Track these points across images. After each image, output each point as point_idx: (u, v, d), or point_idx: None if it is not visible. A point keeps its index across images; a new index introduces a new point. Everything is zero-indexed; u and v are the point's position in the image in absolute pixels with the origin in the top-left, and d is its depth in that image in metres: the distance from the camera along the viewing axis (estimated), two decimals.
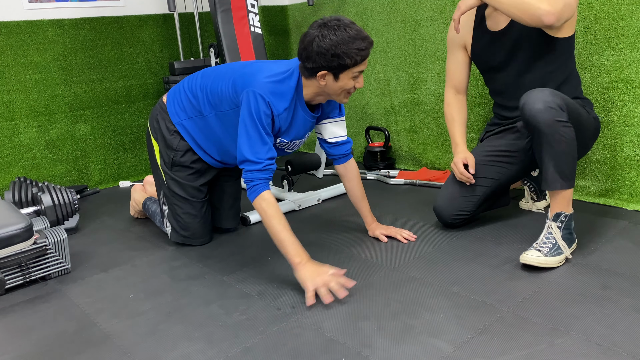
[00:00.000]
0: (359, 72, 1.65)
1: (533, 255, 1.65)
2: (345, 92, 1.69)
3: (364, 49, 1.60)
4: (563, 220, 1.69)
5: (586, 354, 1.23)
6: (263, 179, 1.67)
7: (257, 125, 1.66)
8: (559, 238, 1.68)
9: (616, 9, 2.05)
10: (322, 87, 1.69)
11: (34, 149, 2.87)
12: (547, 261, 1.65)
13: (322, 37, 1.57)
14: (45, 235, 1.87)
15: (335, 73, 1.63)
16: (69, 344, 1.45)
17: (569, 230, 1.72)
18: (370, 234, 2.04)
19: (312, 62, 1.61)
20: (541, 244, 1.68)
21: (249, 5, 2.76)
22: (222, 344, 1.39)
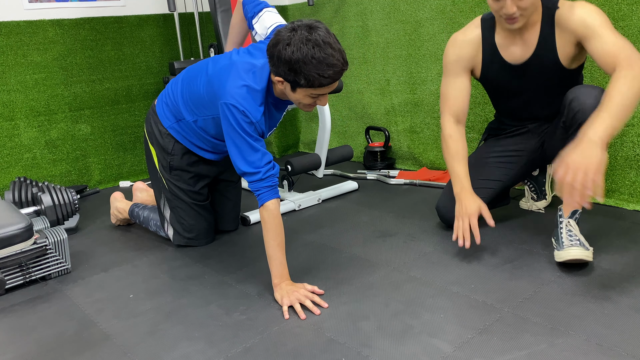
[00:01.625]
0: (318, 95, 1.53)
1: (578, 251, 1.59)
2: (305, 105, 1.59)
3: (327, 77, 1.45)
4: (577, 217, 1.70)
5: (586, 354, 1.23)
6: (267, 187, 1.60)
7: (242, 135, 1.59)
8: (580, 234, 1.66)
9: (616, 9, 2.05)
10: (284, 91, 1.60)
11: (34, 149, 2.87)
12: (588, 255, 1.61)
13: (288, 44, 1.43)
14: (45, 235, 1.87)
15: (292, 85, 1.52)
16: (69, 344, 1.45)
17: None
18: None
19: (272, 62, 1.51)
20: (573, 240, 1.64)
21: None
22: (222, 344, 1.39)
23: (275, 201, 1.60)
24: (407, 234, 2.06)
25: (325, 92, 1.53)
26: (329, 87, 1.52)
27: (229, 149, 1.64)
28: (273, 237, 1.59)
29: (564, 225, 1.69)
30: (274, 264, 1.59)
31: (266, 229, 1.59)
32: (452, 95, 1.88)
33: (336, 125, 3.50)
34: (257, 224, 2.31)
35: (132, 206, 2.31)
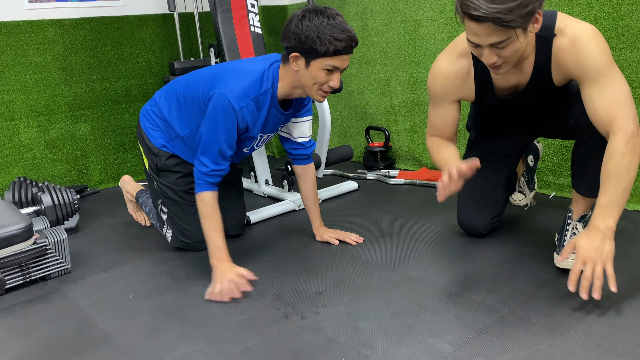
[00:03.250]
0: (332, 67, 1.59)
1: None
2: (318, 86, 1.64)
3: (341, 40, 1.55)
4: (587, 221, 1.69)
5: (586, 354, 1.23)
6: (207, 182, 1.72)
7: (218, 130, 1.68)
8: None
9: (616, 9, 2.05)
10: (296, 77, 1.66)
11: (34, 149, 2.87)
12: None
13: (302, 17, 1.57)
14: (45, 235, 1.87)
15: (307, 58, 1.59)
16: (69, 344, 1.45)
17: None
18: (318, 238, 2.04)
19: (287, 41, 1.60)
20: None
21: (249, 5, 2.76)
22: (222, 344, 1.39)
23: (211, 193, 1.73)
24: (407, 234, 2.06)
25: (339, 64, 1.60)
26: (342, 58, 1.59)
27: (200, 132, 1.71)
28: (208, 222, 1.72)
29: (570, 228, 1.67)
30: (211, 246, 1.72)
31: (203, 215, 1.72)
32: (437, 124, 1.77)
33: (336, 125, 3.50)
34: (257, 224, 2.31)
35: (137, 194, 2.32)
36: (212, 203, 1.73)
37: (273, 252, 1.97)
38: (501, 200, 1.94)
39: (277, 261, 1.89)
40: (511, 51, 1.40)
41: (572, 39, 1.46)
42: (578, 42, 1.45)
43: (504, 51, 1.40)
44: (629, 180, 1.39)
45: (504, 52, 1.40)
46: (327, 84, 1.64)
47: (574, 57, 1.47)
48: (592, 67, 1.44)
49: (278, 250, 1.99)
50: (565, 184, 2.35)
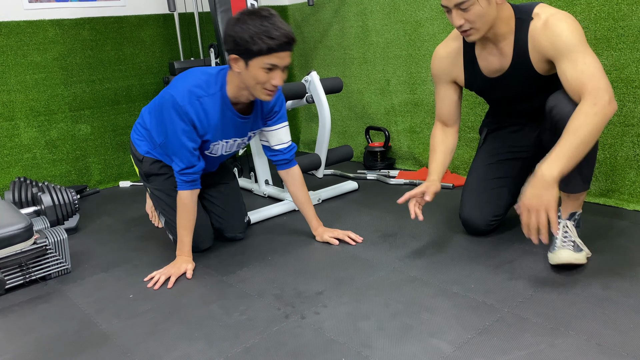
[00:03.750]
0: (271, 65, 1.61)
1: (566, 254, 1.61)
2: (261, 86, 1.66)
3: (274, 38, 1.57)
4: (577, 219, 1.72)
5: (586, 354, 1.23)
6: (183, 181, 1.81)
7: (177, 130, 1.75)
8: (576, 236, 1.67)
9: (616, 9, 2.05)
10: (240, 79, 1.69)
11: (34, 149, 2.87)
12: (578, 258, 1.63)
13: (237, 20, 1.61)
14: (45, 235, 1.87)
15: (244, 59, 1.62)
16: (69, 344, 1.45)
17: (579, 229, 1.75)
18: (318, 238, 2.05)
19: (226, 44, 1.65)
20: (566, 242, 1.65)
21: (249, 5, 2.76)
22: (222, 344, 1.39)
23: (188, 192, 1.82)
24: (407, 234, 2.06)
25: (277, 62, 1.62)
26: (279, 56, 1.61)
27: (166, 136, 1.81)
28: (180, 219, 1.84)
29: (561, 227, 1.69)
30: (180, 240, 1.86)
31: (177, 211, 1.85)
32: (439, 104, 1.97)
33: (336, 125, 3.50)
34: (257, 224, 2.31)
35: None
36: (188, 201, 1.82)
37: (273, 252, 1.97)
38: (504, 201, 1.95)
39: (277, 261, 1.89)
40: (475, 15, 1.59)
41: (545, 20, 1.61)
42: (551, 23, 1.59)
43: (468, 14, 1.59)
44: (586, 139, 1.45)
45: (469, 16, 1.59)
46: (270, 83, 1.65)
47: (546, 37, 1.60)
48: (563, 44, 1.55)
49: (278, 250, 2.00)
50: None
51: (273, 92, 1.70)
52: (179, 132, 1.75)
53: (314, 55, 3.53)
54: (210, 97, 1.75)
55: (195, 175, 1.82)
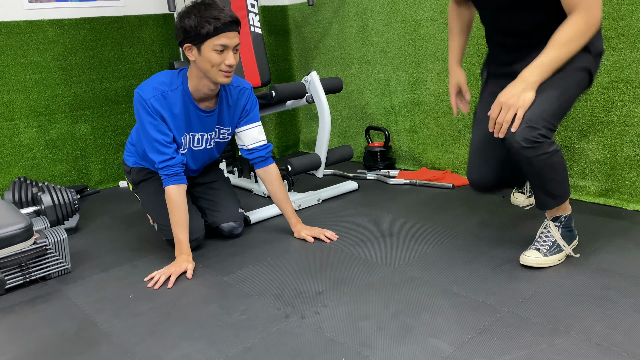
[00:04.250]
0: (221, 45, 1.71)
1: (532, 257, 1.67)
2: (217, 68, 1.75)
3: (218, 18, 1.67)
4: (562, 220, 1.71)
5: (586, 354, 1.23)
6: (165, 175, 1.86)
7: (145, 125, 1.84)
8: (559, 237, 1.69)
9: (616, 9, 2.05)
10: (197, 67, 1.77)
11: (34, 149, 2.87)
12: (546, 261, 1.67)
13: (183, 14, 1.72)
14: (45, 235, 1.87)
15: (196, 45, 1.73)
16: (69, 344, 1.45)
17: (569, 229, 1.73)
18: (296, 235, 2.10)
19: (178, 37, 1.75)
20: (541, 243, 1.70)
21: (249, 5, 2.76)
22: (222, 344, 1.39)
23: (173, 187, 1.86)
24: (407, 234, 2.06)
25: (227, 42, 1.72)
26: (228, 36, 1.71)
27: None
28: (172, 217, 1.86)
29: (543, 226, 1.73)
30: (176, 240, 1.88)
31: (168, 209, 1.87)
32: None
33: (336, 125, 3.50)
34: (257, 224, 2.31)
35: None
36: (175, 196, 1.86)
37: (273, 252, 1.97)
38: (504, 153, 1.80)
39: (277, 261, 1.89)
40: None
41: None
42: None
43: None
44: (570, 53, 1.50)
45: None
46: (224, 64, 1.74)
47: None
48: None
49: (278, 250, 2.00)
50: None
51: (229, 73, 1.78)
52: (148, 126, 1.83)
53: (314, 55, 3.53)
54: (173, 92, 1.84)
55: (175, 168, 1.87)
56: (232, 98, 1.98)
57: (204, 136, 1.99)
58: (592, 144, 2.24)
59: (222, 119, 1.99)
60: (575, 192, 2.33)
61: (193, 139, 1.97)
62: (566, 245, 1.70)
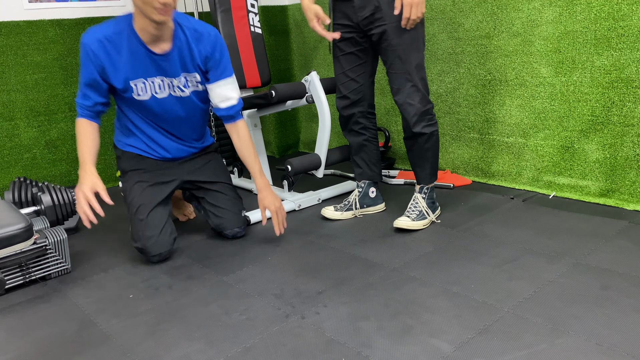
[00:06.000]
0: None
1: (403, 220, 2.06)
2: (150, 6, 1.69)
3: None
4: (426, 192, 2.13)
5: (586, 354, 1.23)
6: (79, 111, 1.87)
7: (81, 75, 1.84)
8: (424, 206, 2.11)
9: (616, 9, 2.05)
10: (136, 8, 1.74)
11: (34, 149, 2.87)
12: (414, 224, 2.07)
13: None
14: (45, 235, 1.87)
15: None
16: (69, 344, 1.45)
17: (432, 200, 2.15)
18: (259, 201, 2.02)
19: None
20: (410, 211, 2.11)
21: (249, 5, 2.76)
22: (222, 344, 1.39)
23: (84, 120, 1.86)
24: (407, 233, 2.06)
25: None
26: None
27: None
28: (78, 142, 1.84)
29: (413, 198, 2.14)
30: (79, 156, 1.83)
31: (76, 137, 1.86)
32: None
33: (336, 125, 3.49)
34: (257, 224, 2.31)
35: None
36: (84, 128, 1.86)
37: (273, 252, 1.97)
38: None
39: (277, 261, 1.89)
40: None
41: None
42: None
43: None
44: None
45: None
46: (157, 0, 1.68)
47: None
48: None
49: (278, 250, 2.00)
50: (565, 184, 2.35)
51: (164, 11, 1.71)
52: (82, 68, 1.82)
53: (314, 55, 3.53)
54: (118, 34, 1.81)
55: (89, 111, 1.86)
56: (188, 39, 1.88)
57: (164, 81, 1.90)
58: (592, 144, 2.24)
59: (184, 64, 1.90)
60: (576, 192, 2.33)
61: (153, 85, 1.89)
62: (430, 213, 2.12)
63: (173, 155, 2.08)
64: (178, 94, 1.95)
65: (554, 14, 2.24)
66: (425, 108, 2.02)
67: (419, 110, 2.01)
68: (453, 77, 2.70)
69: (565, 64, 2.25)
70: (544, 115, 2.37)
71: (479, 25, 2.51)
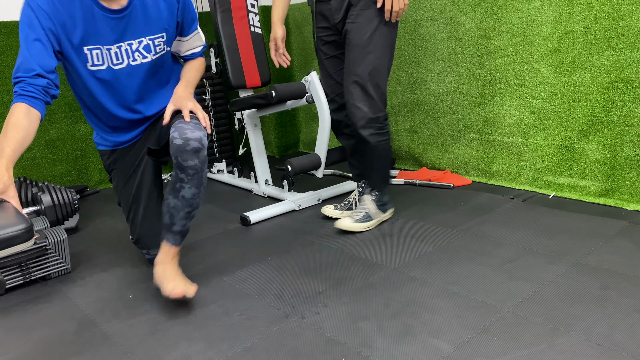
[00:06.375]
0: None
1: (345, 222, 2.06)
2: None
3: None
4: (376, 194, 2.10)
5: (586, 354, 1.23)
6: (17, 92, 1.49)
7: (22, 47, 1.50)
8: (372, 207, 2.09)
9: (616, 9, 2.05)
10: None
11: (34, 149, 2.87)
12: (356, 226, 2.06)
13: None
14: (45, 235, 1.87)
15: None
16: (69, 344, 1.45)
17: (382, 203, 2.13)
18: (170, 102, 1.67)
19: None
20: (356, 213, 2.10)
21: (249, 5, 2.76)
22: (222, 344, 1.39)
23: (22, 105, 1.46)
24: (407, 234, 2.06)
25: None
26: None
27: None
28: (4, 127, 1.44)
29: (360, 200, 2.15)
30: None
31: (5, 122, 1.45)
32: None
33: None
34: (258, 224, 2.31)
35: None
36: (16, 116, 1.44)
37: (273, 252, 1.97)
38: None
39: (277, 261, 1.89)
40: None
41: None
42: None
43: None
44: None
45: None
46: None
47: None
48: None
49: (278, 250, 2.00)
50: (565, 184, 2.35)
51: None
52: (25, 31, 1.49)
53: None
54: None
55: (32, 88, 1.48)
56: None
57: (121, 47, 1.63)
58: (592, 144, 2.24)
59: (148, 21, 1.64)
60: (576, 192, 2.33)
61: (109, 54, 1.62)
62: (378, 215, 2.12)
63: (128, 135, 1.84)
64: (139, 61, 1.69)
65: (554, 14, 2.24)
66: (375, 115, 1.97)
67: (366, 115, 1.96)
68: (453, 77, 2.70)
69: (565, 64, 2.25)
70: (544, 115, 2.37)
71: (479, 25, 2.51)
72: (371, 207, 2.09)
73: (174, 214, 1.61)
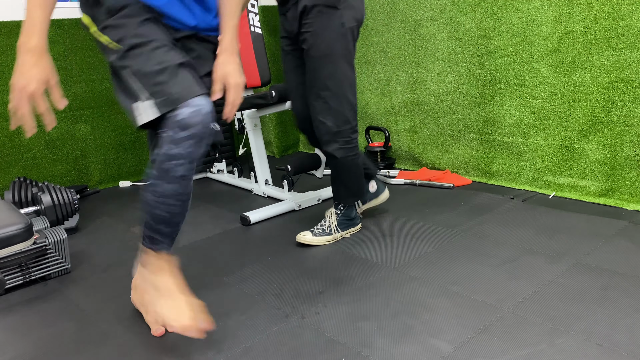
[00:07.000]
0: None
1: (305, 235, 2.00)
2: None
3: None
4: (342, 209, 2.04)
5: (586, 354, 1.23)
6: None
7: None
8: (333, 223, 2.03)
9: (616, 9, 2.05)
10: None
11: (34, 149, 2.87)
12: (315, 240, 2.00)
13: None
14: (45, 235, 1.87)
15: None
16: (69, 344, 1.45)
17: (348, 217, 2.05)
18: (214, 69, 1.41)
19: None
20: (317, 226, 2.03)
21: (249, 5, 2.76)
22: (222, 344, 1.39)
23: None
24: (407, 234, 2.06)
25: None
26: None
27: None
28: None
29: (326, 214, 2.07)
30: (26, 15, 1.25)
31: None
32: None
33: None
34: (257, 224, 2.31)
35: None
36: None
37: (273, 252, 1.97)
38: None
39: (277, 261, 1.89)
40: None
41: None
42: None
43: None
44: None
45: None
46: None
47: None
48: None
49: (278, 250, 2.00)
50: (565, 184, 2.35)
51: None
52: None
53: None
54: None
55: None
56: None
57: None
58: (592, 144, 2.24)
59: None
60: (576, 192, 2.33)
61: None
62: (338, 229, 2.03)
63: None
64: None
65: (554, 14, 2.24)
66: (338, 129, 1.86)
67: (330, 130, 1.86)
68: (453, 77, 2.70)
69: (565, 64, 2.25)
70: (544, 115, 2.37)
71: (479, 25, 2.51)
72: (334, 222, 2.02)
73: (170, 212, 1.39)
